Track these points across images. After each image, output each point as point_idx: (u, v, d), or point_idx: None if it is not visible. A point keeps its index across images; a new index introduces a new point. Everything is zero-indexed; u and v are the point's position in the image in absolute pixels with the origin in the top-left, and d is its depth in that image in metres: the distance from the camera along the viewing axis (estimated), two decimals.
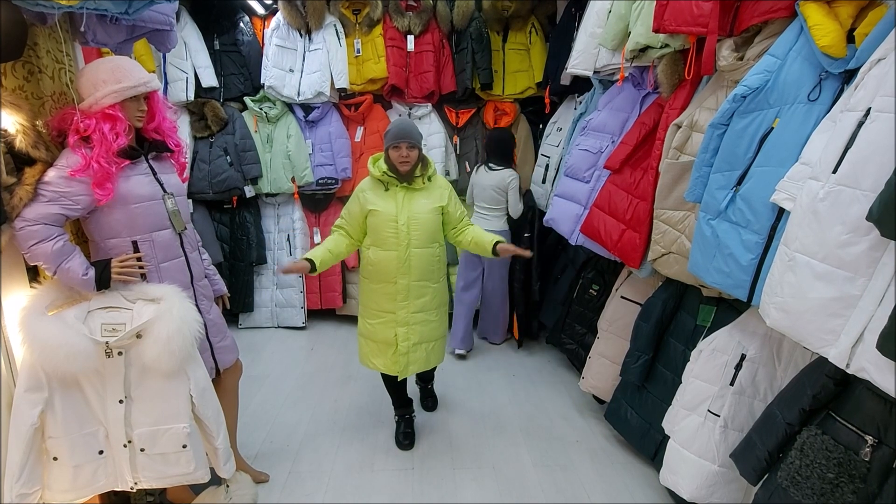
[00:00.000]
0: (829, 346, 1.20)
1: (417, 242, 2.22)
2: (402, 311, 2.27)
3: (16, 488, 1.51)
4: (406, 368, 2.33)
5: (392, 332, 2.29)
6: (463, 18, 3.58)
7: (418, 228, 2.21)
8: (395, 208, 2.20)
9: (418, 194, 2.24)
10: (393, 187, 2.23)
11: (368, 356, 2.41)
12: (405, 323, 2.28)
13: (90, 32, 1.69)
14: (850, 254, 1.14)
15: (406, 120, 2.43)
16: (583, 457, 2.46)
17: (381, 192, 2.23)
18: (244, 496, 2.06)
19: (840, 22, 1.37)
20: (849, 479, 1.23)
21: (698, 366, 1.84)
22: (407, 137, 2.15)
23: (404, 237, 2.20)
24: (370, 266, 2.28)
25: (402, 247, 2.20)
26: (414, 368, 2.36)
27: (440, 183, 2.32)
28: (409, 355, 2.32)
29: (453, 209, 2.31)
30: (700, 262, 1.72)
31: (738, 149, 1.58)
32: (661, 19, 1.87)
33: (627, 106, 2.51)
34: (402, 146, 2.14)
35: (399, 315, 2.27)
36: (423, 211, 2.22)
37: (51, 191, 1.51)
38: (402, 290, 2.25)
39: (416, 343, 2.31)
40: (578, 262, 3.14)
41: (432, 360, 2.42)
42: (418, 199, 2.23)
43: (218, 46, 3.61)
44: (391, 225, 2.19)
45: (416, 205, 2.22)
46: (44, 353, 1.47)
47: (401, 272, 2.23)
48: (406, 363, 2.32)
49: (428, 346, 2.36)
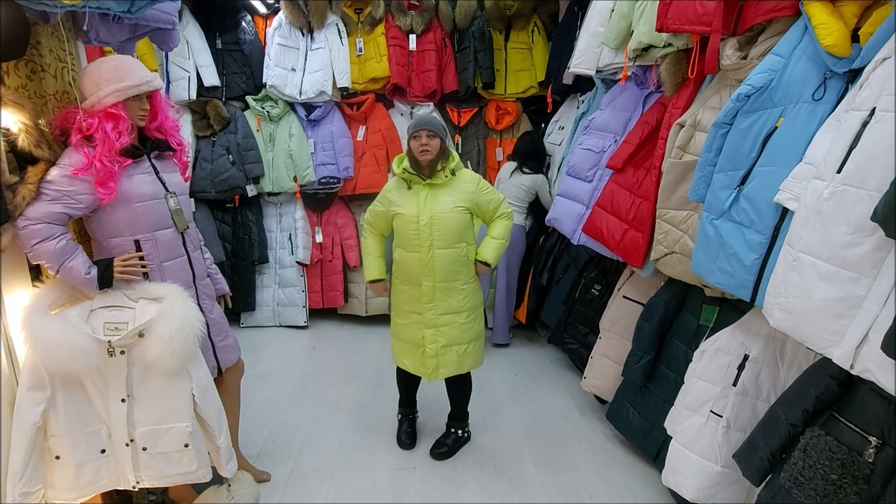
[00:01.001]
0: (834, 346, 1.19)
1: (441, 243, 2.12)
2: (428, 313, 2.19)
3: (18, 487, 1.51)
4: (436, 371, 2.24)
5: (420, 334, 2.22)
6: (465, 17, 3.58)
7: (441, 228, 2.11)
8: (416, 208, 2.12)
9: (441, 191, 2.13)
10: (415, 185, 2.15)
11: (400, 356, 2.35)
12: (432, 325, 2.20)
13: (93, 31, 1.68)
14: (855, 254, 1.14)
15: (429, 114, 2.39)
16: (584, 457, 2.46)
17: (405, 191, 2.17)
18: (246, 495, 2.06)
19: (845, 21, 1.36)
20: (852, 480, 1.22)
21: (701, 366, 1.83)
22: (426, 125, 2.09)
23: (426, 238, 2.11)
24: (397, 267, 2.23)
25: (424, 248, 2.11)
26: (445, 372, 2.26)
27: (466, 177, 2.18)
28: (439, 358, 2.22)
29: (485, 202, 2.18)
30: (703, 261, 1.71)
31: (741, 148, 1.57)
32: (665, 18, 1.86)
33: (630, 105, 2.50)
34: (422, 134, 2.07)
35: (426, 317, 2.19)
36: (446, 210, 2.11)
37: (53, 190, 1.51)
38: (427, 292, 2.16)
39: (444, 346, 2.21)
40: (580, 262, 3.14)
41: (466, 363, 2.29)
42: (441, 197, 2.12)
43: (220, 45, 3.62)
44: (413, 226, 2.12)
45: (439, 203, 2.12)
46: (46, 351, 1.47)
47: (425, 274, 2.14)
48: (435, 366, 2.23)
49: (460, 348, 2.24)
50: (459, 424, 2.50)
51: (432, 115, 2.21)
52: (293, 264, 3.87)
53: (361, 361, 3.43)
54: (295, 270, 3.88)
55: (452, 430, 2.49)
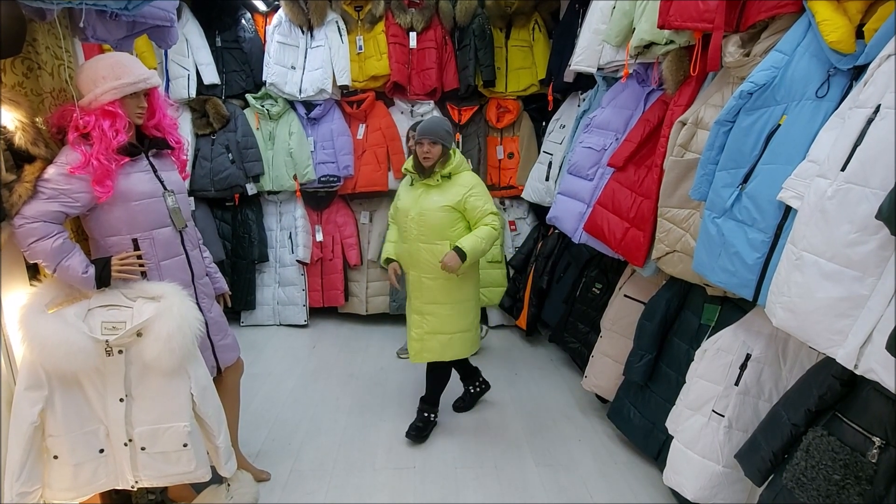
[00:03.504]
0: (837, 346, 1.18)
1: (423, 238, 2.31)
2: (416, 301, 2.42)
3: (16, 487, 1.51)
4: (419, 354, 2.45)
5: (411, 318, 2.46)
6: (466, 15, 3.56)
7: (423, 224, 2.30)
8: (410, 203, 2.34)
9: (433, 191, 2.31)
10: (416, 182, 2.37)
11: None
12: (419, 312, 2.42)
13: (90, 28, 1.67)
14: (859, 253, 1.12)
15: (435, 117, 2.47)
16: (585, 456, 2.45)
17: (409, 186, 2.41)
18: (245, 495, 2.05)
19: (849, 17, 1.34)
20: (855, 480, 1.21)
21: (703, 365, 1.82)
22: (427, 134, 2.24)
23: (413, 231, 2.32)
24: None
25: (411, 240, 2.34)
26: (427, 356, 2.46)
27: (462, 181, 2.32)
28: (423, 342, 2.42)
29: (471, 207, 2.29)
30: (705, 260, 1.70)
31: (744, 146, 1.56)
32: (667, 15, 1.85)
33: (631, 103, 2.49)
34: (425, 142, 2.25)
35: (413, 304, 2.44)
36: (433, 208, 2.28)
37: (50, 188, 1.50)
38: (414, 280, 2.40)
39: (428, 332, 2.40)
40: (581, 261, 3.13)
41: (448, 352, 2.44)
42: (432, 196, 2.31)
43: (220, 43, 3.60)
44: (404, 218, 2.35)
45: (428, 201, 2.30)
46: (44, 351, 1.46)
47: (411, 264, 2.38)
48: (420, 349, 2.44)
49: (444, 337, 2.41)
50: (430, 408, 2.60)
51: (437, 121, 2.28)
52: (293, 263, 3.87)
53: (361, 360, 3.42)
54: (295, 269, 3.88)
55: (425, 414, 2.59)
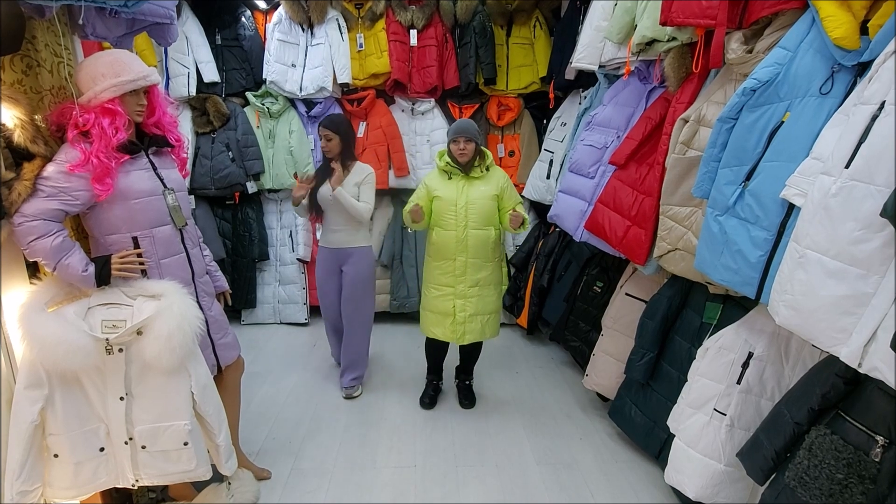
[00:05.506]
0: (841, 344, 1.17)
1: (474, 224, 2.52)
2: (460, 286, 2.59)
3: (16, 485, 1.50)
4: (463, 336, 2.65)
5: (451, 304, 2.61)
6: (466, 12, 3.55)
7: (475, 212, 2.52)
8: (455, 194, 2.53)
9: (477, 182, 2.55)
10: (455, 176, 2.56)
11: (429, 326, 2.71)
12: (463, 296, 2.60)
13: (89, 26, 1.66)
14: (863, 251, 1.12)
15: (465, 119, 2.71)
16: (586, 455, 2.45)
17: (445, 180, 2.57)
18: (246, 493, 2.05)
19: (853, 13, 1.33)
20: (858, 479, 1.21)
21: (704, 364, 1.81)
22: (464, 133, 2.48)
23: (462, 219, 2.52)
24: (433, 246, 2.62)
25: (460, 227, 2.52)
26: (470, 337, 2.66)
27: (498, 174, 2.61)
28: (466, 325, 2.63)
29: (507, 197, 2.58)
30: (707, 258, 1.69)
31: (747, 143, 1.55)
32: (669, 12, 1.84)
33: (633, 100, 2.48)
34: (460, 140, 2.48)
35: (457, 289, 2.60)
36: (481, 197, 2.53)
37: (50, 186, 1.49)
38: (460, 266, 2.57)
39: (471, 314, 2.62)
40: (582, 259, 3.12)
41: (487, 331, 2.70)
42: (477, 187, 2.54)
43: (220, 41, 3.59)
44: (451, 209, 2.52)
45: (475, 191, 2.53)
46: (43, 349, 1.46)
47: (459, 250, 2.55)
48: (463, 332, 2.64)
49: (483, 318, 2.66)
50: (468, 377, 2.96)
51: (468, 122, 2.54)
52: (294, 261, 3.86)
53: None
54: (296, 267, 3.87)
55: (466, 382, 2.94)
